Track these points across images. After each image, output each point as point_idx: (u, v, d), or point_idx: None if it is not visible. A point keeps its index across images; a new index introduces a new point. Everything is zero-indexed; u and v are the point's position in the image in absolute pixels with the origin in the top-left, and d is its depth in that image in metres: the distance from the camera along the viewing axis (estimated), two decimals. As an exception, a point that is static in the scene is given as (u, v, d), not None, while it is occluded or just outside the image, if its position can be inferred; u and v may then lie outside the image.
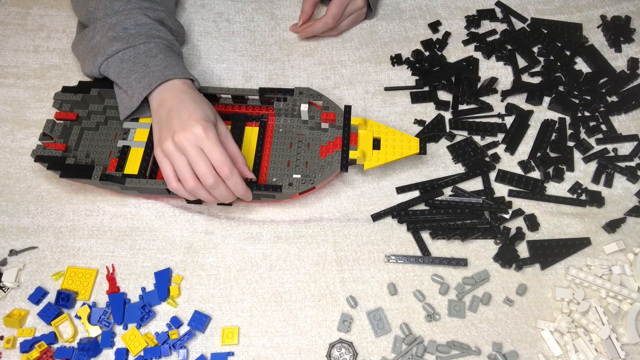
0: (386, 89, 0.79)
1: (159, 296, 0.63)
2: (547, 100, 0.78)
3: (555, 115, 0.77)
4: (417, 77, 0.80)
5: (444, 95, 0.79)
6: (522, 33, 0.84)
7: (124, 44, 0.67)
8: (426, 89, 0.79)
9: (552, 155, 0.73)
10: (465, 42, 0.83)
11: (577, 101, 0.77)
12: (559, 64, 0.80)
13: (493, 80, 0.78)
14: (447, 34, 0.84)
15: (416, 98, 0.78)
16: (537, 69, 0.81)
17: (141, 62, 0.67)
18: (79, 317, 0.62)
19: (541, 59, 0.81)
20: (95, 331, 0.61)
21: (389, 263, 0.66)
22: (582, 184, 0.71)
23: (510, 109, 0.77)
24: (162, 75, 0.65)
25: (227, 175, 0.59)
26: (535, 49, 0.82)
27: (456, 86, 0.78)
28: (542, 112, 0.77)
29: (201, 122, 0.59)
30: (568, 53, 0.81)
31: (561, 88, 0.78)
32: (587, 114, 0.76)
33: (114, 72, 0.68)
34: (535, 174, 0.72)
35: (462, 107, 0.78)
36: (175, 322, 0.61)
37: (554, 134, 0.75)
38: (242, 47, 0.84)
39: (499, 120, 0.76)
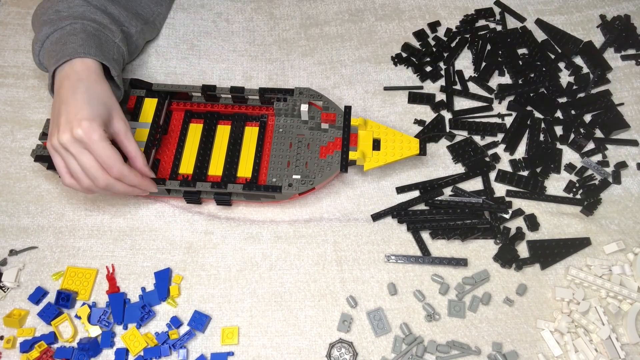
0: (385, 88, 0.79)
1: (159, 296, 0.63)
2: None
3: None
4: (418, 74, 0.80)
5: (441, 96, 0.79)
6: (512, 33, 0.83)
7: (52, 27, 0.64)
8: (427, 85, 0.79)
9: (542, 153, 0.73)
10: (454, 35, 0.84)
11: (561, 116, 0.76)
12: (542, 75, 0.79)
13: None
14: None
15: (414, 99, 0.78)
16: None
17: (62, 41, 0.62)
18: (79, 317, 0.62)
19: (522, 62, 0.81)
20: (95, 331, 0.61)
21: (389, 263, 0.66)
22: (576, 182, 0.71)
23: (513, 107, 0.76)
24: (73, 52, 0.60)
25: (117, 177, 0.58)
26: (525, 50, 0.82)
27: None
28: (538, 112, 0.77)
29: (84, 122, 0.55)
30: (560, 66, 0.80)
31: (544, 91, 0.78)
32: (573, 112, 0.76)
33: (47, 58, 0.64)
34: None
35: (460, 105, 0.78)
36: (175, 322, 0.61)
37: (542, 135, 0.74)
38: (242, 47, 0.84)
39: (498, 120, 0.76)
